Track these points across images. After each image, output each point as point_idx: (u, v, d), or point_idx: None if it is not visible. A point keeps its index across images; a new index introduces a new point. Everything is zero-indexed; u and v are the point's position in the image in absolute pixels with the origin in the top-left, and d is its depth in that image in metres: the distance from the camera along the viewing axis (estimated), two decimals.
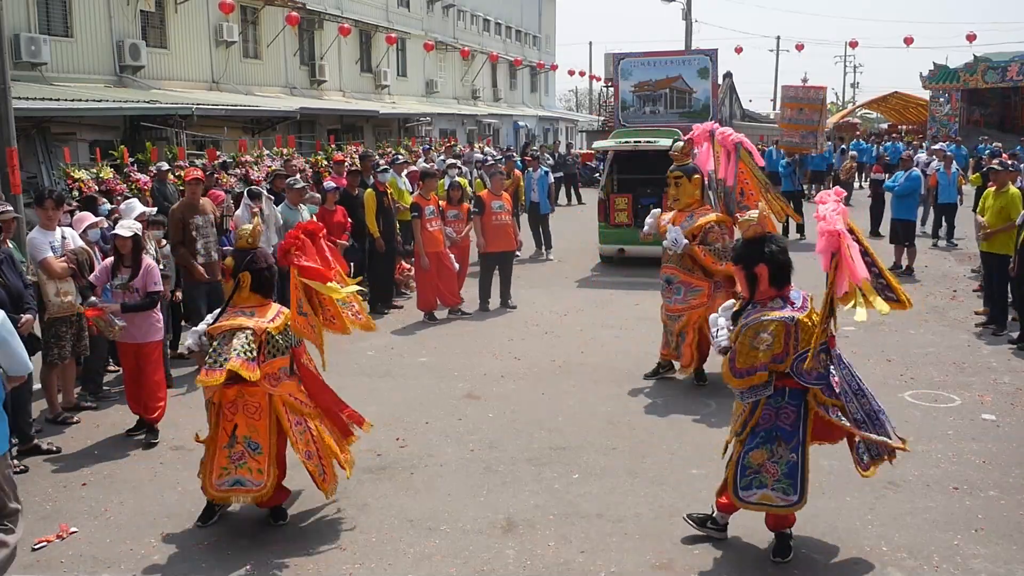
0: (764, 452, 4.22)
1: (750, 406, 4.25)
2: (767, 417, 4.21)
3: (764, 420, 4.21)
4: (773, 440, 4.22)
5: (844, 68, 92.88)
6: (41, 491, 5.41)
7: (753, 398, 4.21)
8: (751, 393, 4.21)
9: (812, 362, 4.06)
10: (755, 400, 4.21)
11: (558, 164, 23.09)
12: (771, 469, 4.22)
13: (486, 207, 10.13)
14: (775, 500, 4.23)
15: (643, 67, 17.72)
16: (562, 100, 63.51)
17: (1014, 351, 8.11)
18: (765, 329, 4.07)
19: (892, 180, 12.72)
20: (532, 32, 44.86)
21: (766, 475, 4.22)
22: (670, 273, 7.19)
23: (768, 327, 4.07)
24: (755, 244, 4.23)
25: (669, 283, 7.21)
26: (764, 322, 4.09)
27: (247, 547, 4.62)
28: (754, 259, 4.19)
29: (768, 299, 4.19)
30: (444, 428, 6.34)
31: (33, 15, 15.61)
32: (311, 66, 24.98)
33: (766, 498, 4.24)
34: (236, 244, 5.01)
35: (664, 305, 7.34)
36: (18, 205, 7.95)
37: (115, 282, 6.23)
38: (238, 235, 4.99)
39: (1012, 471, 5.39)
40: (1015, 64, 31.10)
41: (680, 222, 7.11)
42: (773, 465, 4.21)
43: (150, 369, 6.27)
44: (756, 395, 4.20)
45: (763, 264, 4.17)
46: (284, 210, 9.23)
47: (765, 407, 4.20)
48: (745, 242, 4.29)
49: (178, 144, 15.47)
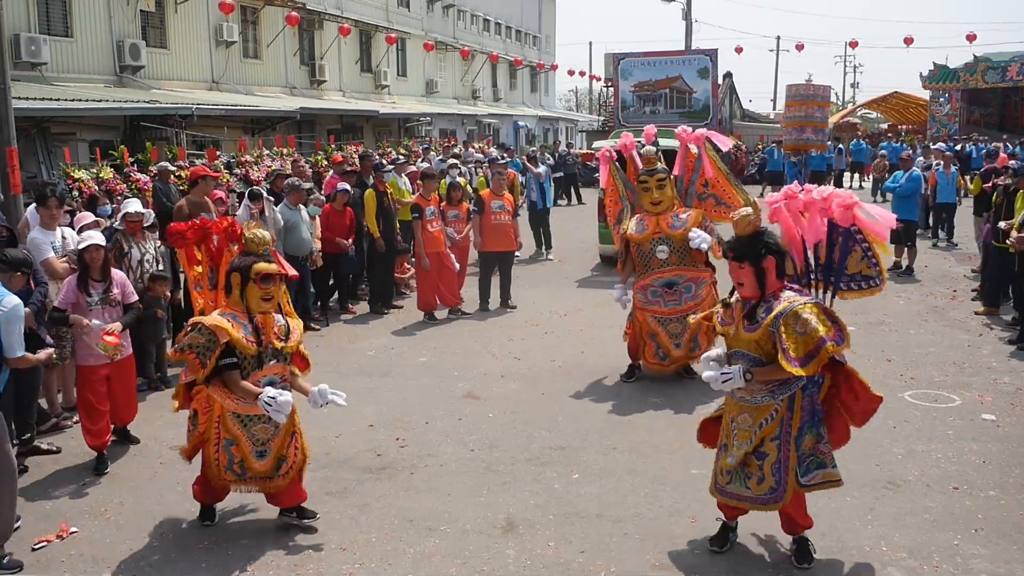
0: (811, 437, 4.23)
1: (785, 402, 4.14)
2: (807, 406, 4.20)
3: (804, 411, 4.20)
4: (817, 423, 4.24)
5: (844, 68, 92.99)
6: (41, 491, 5.41)
7: (786, 393, 4.12)
8: (781, 389, 4.11)
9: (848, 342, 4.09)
10: (791, 395, 4.12)
11: (558, 164, 23.08)
12: (822, 450, 4.25)
13: (486, 207, 10.13)
14: (835, 475, 4.29)
15: (643, 67, 17.72)
16: (562, 100, 63.56)
17: (1014, 351, 8.11)
18: (801, 314, 4.00)
19: (892, 180, 12.73)
20: (532, 32, 44.87)
21: (821, 456, 4.25)
22: (673, 275, 7.14)
23: (804, 310, 4.01)
24: (755, 239, 4.18)
25: (672, 286, 7.14)
26: (797, 308, 4.02)
27: (247, 547, 4.63)
28: (761, 253, 4.13)
29: (778, 291, 4.16)
30: (444, 428, 6.34)
31: (33, 15, 15.63)
32: (311, 66, 24.99)
33: (828, 476, 4.27)
34: (246, 247, 4.64)
35: (667, 311, 7.16)
36: (18, 205, 7.97)
37: (92, 299, 5.79)
38: (252, 240, 4.61)
39: (1012, 471, 5.39)
40: (1015, 64, 31.10)
41: (668, 223, 7.11)
42: (822, 446, 4.25)
43: (129, 380, 6.09)
44: (789, 389, 4.11)
45: (770, 256, 4.13)
46: (284, 210, 9.23)
47: (803, 399, 4.17)
48: (748, 239, 4.19)
49: (178, 144, 15.47)
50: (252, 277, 4.52)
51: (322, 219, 9.85)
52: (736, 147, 28.55)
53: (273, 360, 4.63)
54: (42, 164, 13.43)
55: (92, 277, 5.85)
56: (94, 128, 15.71)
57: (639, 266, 7.27)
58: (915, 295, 10.79)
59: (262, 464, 4.68)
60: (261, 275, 4.52)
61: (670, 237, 7.10)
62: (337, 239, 9.77)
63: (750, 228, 4.19)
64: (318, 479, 5.47)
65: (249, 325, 4.55)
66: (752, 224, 4.20)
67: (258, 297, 4.56)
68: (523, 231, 11.68)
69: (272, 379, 4.62)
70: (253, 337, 4.53)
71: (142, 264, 7.34)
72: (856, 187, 26.07)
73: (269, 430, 4.65)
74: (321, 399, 4.69)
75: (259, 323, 4.58)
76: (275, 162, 13.97)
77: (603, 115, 37.71)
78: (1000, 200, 9.35)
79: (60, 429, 6.51)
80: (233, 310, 4.59)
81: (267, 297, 4.57)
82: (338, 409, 6.75)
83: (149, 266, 7.37)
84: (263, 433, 4.65)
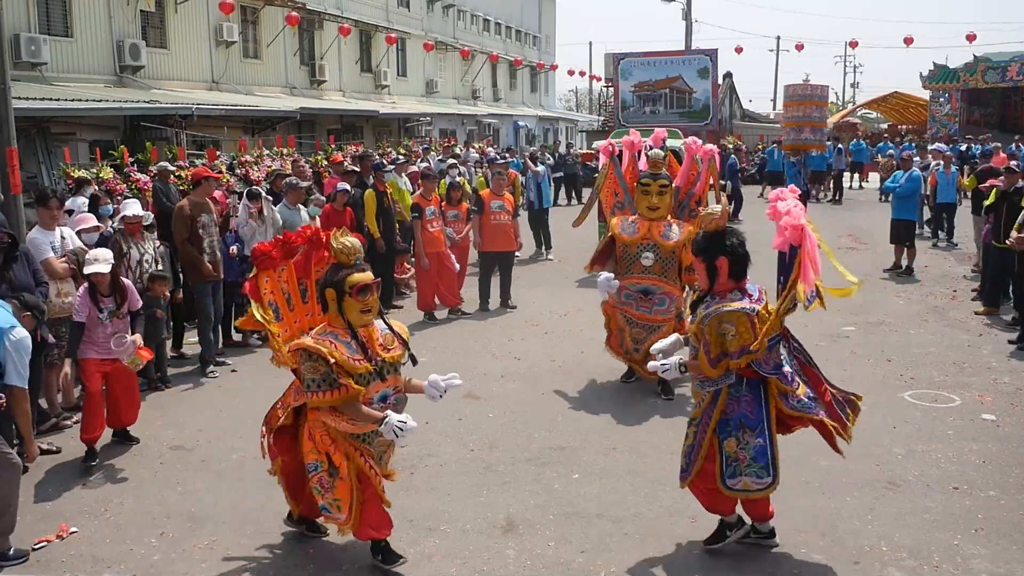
0: (733, 441, 4.31)
1: (711, 395, 4.32)
2: (731, 406, 4.31)
3: (730, 409, 4.30)
4: (739, 428, 4.31)
5: (844, 68, 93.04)
6: (41, 491, 5.41)
7: (714, 387, 4.30)
8: (712, 383, 4.30)
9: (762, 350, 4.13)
10: (716, 389, 4.30)
11: (558, 164, 23.08)
12: (742, 456, 4.31)
13: (486, 207, 10.13)
14: (752, 486, 4.31)
15: (643, 67, 17.76)
16: (562, 100, 63.55)
17: (1014, 351, 8.11)
18: (727, 320, 4.16)
19: (892, 180, 12.73)
20: (532, 32, 44.87)
21: (739, 463, 4.31)
22: (652, 284, 7.04)
23: (729, 318, 4.15)
24: (716, 237, 4.31)
25: (648, 294, 7.03)
26: (724, 313, 4.17)
27: (247, 547, 4.62)
28: (715, 251, 4.27)
29: (727, 291, 4.29)
30: (444, 428, 6.34)
31: (33, 15, 15.63)
32: (311, 66, 24.99)
33: (746, 485, 4.32)
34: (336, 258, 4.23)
35: (637, 315, 7.08)
36: (18, 205, 7.97)
37: (103, 314, 5.89)
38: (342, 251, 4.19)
39: (1012, 471, 5.39)
40: (1015, 64, 31.10)
41: (661, 232, 7.03)
42: (742, 452, 4.30)
43: (131, 381, 6.10)
44: (717, 384, 4.28)
45: (724, 257, 4.26)
46: (283, 210, 9.22)
47: (728, 397, 4.29)
48: (706, 235, 4.36)
49: (178, 144, 15.48)
50: (347, 291, 4.13)
51: (322, 219, 9.84)
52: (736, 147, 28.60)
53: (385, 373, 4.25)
54: (42, 164, 13.43)
55: (101, 293, 5.93)
56: (94, 128, 15.71)
57: (621, 266, 7.16)
58: (915, 295, 10.79)
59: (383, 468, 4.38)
60: (357, 288, 4.13)
61: (659, 246, 6.99)
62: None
63: (713, 226, 4.34)
64: None
65: (353, 342, 4.15)
66: (716, 223, 4.34)
67: (357, 311, 4.16)
68: (523, 231, 11.68)
69: (385, 393, 4.24)
70: (360, 354, 4.14)
71: (141, 264, 7.35)
72: (856, 187, 26.11)
73: (386, 442, 4.31)
74: (437, 390, 4.36)
75: (363, 337, 4.20)
76: (275, 162, 13.97)
77: (603, 115, 37.72)
78: (1000, 201, 9.34)
79: (60, 429, 6.51)
80: (333, 327, 4.20)
81: (366, 309, 4.19)
82: None
83: (148, 266, 7.38)
84: (381, 446, 4.33)
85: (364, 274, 4.20)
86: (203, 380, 7.73)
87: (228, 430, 6.41)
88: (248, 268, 8.71)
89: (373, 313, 4.26)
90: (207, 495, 5.29)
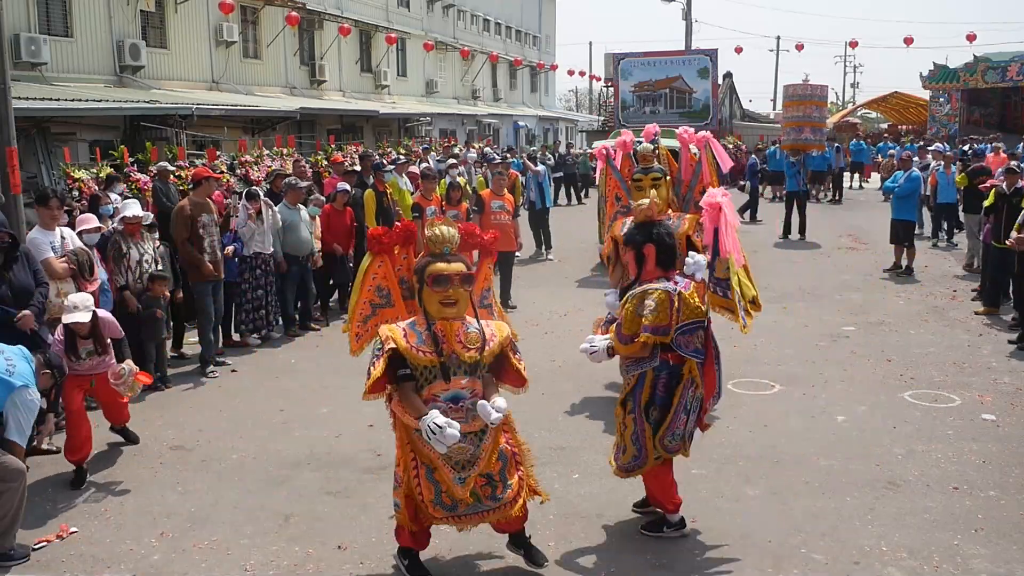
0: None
1: (635, 379, 4.47)
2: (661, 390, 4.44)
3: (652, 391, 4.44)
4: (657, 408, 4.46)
5: (844, 68, 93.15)
6: (41, 491, 5.40)
7: (638, 370, 4.44)
8: (636, 365, 4.44)
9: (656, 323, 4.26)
10: (641, 372, 4.43)
11: (558, 164, 23.08)
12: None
13: (486, 206, 10.13)
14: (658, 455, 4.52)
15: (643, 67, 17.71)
16: (562, 100, 63.55)
17: (1014, 351, 8.11)
18: (648, 296, 4.30)
19: (892, 180, 12.73)
20: (532, 32, 44.87)
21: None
22: None
23: (651, 294, 4.30)
24: (645, 227, 4.54)
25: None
26: (648, 291, 4.33)
27: (247, 547, 4.62)
28: (643, 240, 4.47)
29: (653, 279, 4.44)
30: None
31: (33, 15, 15.63)
32: (311, 66, 24.99)
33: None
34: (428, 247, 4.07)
35: None
36: (18, 205, 7.97)
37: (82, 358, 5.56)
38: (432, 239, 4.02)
39: (1012, 471, 5.39)
40: (1015, 64, 31.10)
41: None
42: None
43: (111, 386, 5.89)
44: (641, 367, 4.42)
45: (651, 244, 4.44)
46: (283, 210, 9.22)
47: (655, 378, 4.43)
48: (636, 225, 4.60)
49: (178, 144, 15.48)
50: (426, 279, 3.96)
51: (322, 219, 9.85)
52: (736, 147, 28.56)
53: (461, 372, 3.98)
54: (42, 164, 13.43)
55: (80, 336, 5.55)
56: (94, 128, 15.71)
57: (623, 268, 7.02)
58: (915, 295, 10.79)
59: (462, 491, 3.96)
60: (434, 277, 3.93)
61: None
62: (334, 244, 9.76)
63: (643, 217, 4.57)
64: (318, 479, 5.47)
65: (424, 333, 3.97)
66: (646, 214, 4.56)
67: (436, 302, 3.94)
68: (523, 231, 11.68)
69: (458, 394, 3.96)
70: (428, 347, 3.93)
71: (141, 264, 7.35)
72: (856, 187, 26.11)
73: (467, 449, 3.96)
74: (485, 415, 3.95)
75: (438, 330, 3.96)
76: (275, 162, 13.97)
77: (603, 115, 37.69)
78: (1002, 202, 9.34)
79: (60, 429, 6.50)
80: (416, 317, 4.09)
81: (447, 301, 3.94)
82: (338, 409, 6.81)
83: (148, 266, 7.38)
84: (460, 453, 3.95)
85: (447, 264, 3.96)
86: (203, 380, 7.73)
87: (228, 430, 6.41)
88: (246, 268, 8.80)
89: (458, 308, 3.99)
90: (207, 495, 5.29)
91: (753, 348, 8.22)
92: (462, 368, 3.97)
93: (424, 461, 3.98)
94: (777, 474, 5.39)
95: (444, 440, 3.71)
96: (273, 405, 6.92)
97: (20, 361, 4.68)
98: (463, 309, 4.03)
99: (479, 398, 3.98)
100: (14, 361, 4.62)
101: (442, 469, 3.94)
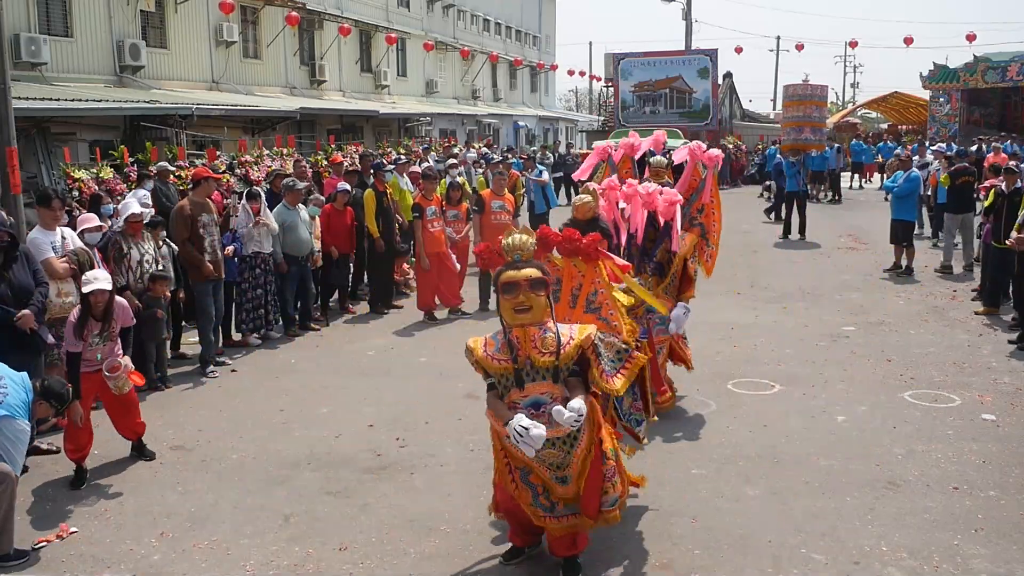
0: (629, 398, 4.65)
1: None
2: None
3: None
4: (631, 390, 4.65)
5: (844, 68, 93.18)
6: (41, 491, 5.41)
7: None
8: None
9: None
10: None
11: (558, 164, 23.08)
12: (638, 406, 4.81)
13: (486, 206, 10.13)
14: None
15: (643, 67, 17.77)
16: (562, 100, 63.57)
17: (1014, 351, 8.11)
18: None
19: (891, 180, 12.74)
20: (532, 32, 44.88)
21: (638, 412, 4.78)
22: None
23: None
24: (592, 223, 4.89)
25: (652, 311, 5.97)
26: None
27: (247, 547, 4.62)
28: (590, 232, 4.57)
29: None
30: (444, 428, 6.34)
31: (33, 15, 15.63)
32: (311, 66, 24.99)
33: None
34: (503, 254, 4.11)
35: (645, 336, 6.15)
36: (18, 205, 7.97)
37: (93, 341, 5.54)
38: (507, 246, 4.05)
39: (1012, 471, 5.39)
40: (1015, 64, 31.07)
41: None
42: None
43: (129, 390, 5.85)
44: None
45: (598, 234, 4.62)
46: (282, 210, 9.22)
47: None
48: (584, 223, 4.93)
49: (178, 144, 15.48)
50: (498, 288, 3.99)
51: (322, 219, 9.85)
52: (736, 147, 28.57)
53: (539, 378, 3.95)
54: (42, 164, 13.43)
55: (93, 316, 5.56)
56: (94, 128, 15.72)
57: None
58: (915, 295, 10.79)
59: (566, 489, 4.04)
60: (503, 284, 3.96)
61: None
62: (331, 247, 9.76)
63: (590, 214, 4.82)
64: (318, 479, 5.47)
65: (502, 340, 4.00)
66: (591, 210, 4.81)
67: (510, 309, 3.94)
68: None
69: (538, 399, 3.92)
70: (504, 354, 3.96)
71: (142, 264, 7.35)
72: (856, 187, 26.11)
73: (556, 455, 3.99)
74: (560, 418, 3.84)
75: (514, 337, 3.96)
76: (275, 162, 13.96)
77: (603, 115, 37.71)
78: (1001, 202, 9.34)
79: (59, 429, 6.51)
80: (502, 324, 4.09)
81: (520, 308, 3.92)
82: (338, 409, 6.82)
83: (149, 266, 7.38)
84: (552, 457, 3.99)
85: (517, 271, 3.95)
86: (203, 380, 7.73)
87: (228, 430, 6.41)
88: (246, 268, 8.80)
89: (532, 314, 3.95)
90: (207, 495, 5.29)
91: (753, 348, 8.23)
92: (539, 374, 3.94)
93: (518, 465, 4.06)
94: (777, 474, 5.39)
95: (531, 442, 3.72)
96: (273, 405, 6.92)
97: (15, 389, 4.59)
98: (539, 315, 3.97)
99: (558, 402, 3.89)
100: (8, 390, 4.55)
101: (538, 470, 4.02)
